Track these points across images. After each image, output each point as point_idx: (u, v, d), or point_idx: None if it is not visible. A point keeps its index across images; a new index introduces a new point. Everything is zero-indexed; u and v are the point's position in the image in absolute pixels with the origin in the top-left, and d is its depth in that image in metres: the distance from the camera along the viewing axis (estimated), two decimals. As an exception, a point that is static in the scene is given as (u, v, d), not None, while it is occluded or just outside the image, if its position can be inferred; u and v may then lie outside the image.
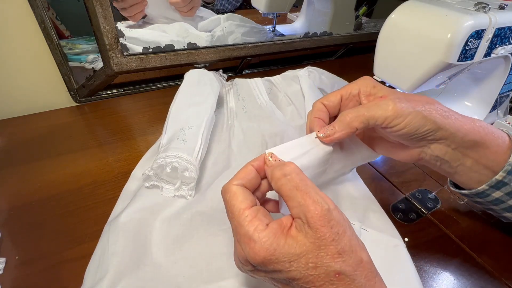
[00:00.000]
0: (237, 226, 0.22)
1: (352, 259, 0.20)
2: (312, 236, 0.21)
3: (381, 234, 0.32)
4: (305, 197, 0.21)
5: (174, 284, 0.27)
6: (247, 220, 0.21)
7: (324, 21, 0.75)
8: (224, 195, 0.23)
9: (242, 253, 0.22)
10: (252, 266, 0.22)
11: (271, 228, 0.21)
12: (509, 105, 0.56)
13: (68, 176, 0.39)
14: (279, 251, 0.20)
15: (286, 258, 0.21)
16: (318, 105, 0.31)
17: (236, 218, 0.22)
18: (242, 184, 0.24)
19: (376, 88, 0.30)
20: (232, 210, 0.22)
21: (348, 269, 0.20)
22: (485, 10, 0.39)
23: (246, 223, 0.21)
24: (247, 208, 0.22)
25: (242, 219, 0.22)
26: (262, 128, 0.43)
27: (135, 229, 0.30)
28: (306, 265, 0.20)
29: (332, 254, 0.20)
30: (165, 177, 0.34)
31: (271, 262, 0.21)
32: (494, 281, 0.31)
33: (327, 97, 0.31)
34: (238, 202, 0.22)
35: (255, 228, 0.21)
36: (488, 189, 0.30)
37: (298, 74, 0.52)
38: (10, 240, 0.31)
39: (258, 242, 0.21)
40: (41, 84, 0.51)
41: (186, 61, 0.55)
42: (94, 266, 0.28)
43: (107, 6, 0.44)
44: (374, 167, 0.44)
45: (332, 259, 0.20)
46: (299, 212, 0.21)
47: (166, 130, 0.37)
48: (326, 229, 0.20)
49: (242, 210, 0.22)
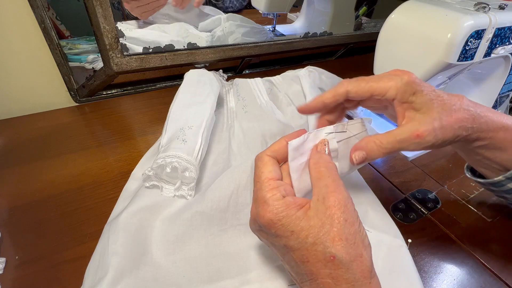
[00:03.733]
0: (258, 189, 0.24)
1: (352, 250, 0.21)
2: (322, 212, 0.22)
3: (383, 235, 0.32)
4: (334, 183, 0.23)
5: (174, 284, 0.27)
6: (268, 188, 0.24)
7: (324, 21, 0.75)
8: (256, 162, 0.26)
9: (255, 211, 0.24)
10: (258, 226, 0.24)
11: (286, 200, 0.23)
12: (509, 105, 0.56)
13: (68, 176, 0.39)
14: (285, 219, 0.22)
15: (290, 226, 0.22)
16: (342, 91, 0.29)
17: (260, 182, 0.24)
18: (274, 156, 0.26)
19: (416, 96, 0.27)
20: (259, 175, 0.25)
21: (344, 256, 0.21)
22: (485, 10, 0.39)
23: (266, 190, 0.24)
24: (272, 179, 0.25)
25: (264, 185, 0.24)
26: (262, 128, 0.43)
27: (135, 229, 0.30)
28: (305, 239, 0.22)
29: (333, 236, 0.21)
30: (165, 177, 0.34)
31: (275, 225, 0.22)
32: (494, 281, 0.31)
33: (358, 90, 0.28)
34: (267, 171, 0.25)
35: (272, 195, 0.23)
36: (504, 180, 0.31)
37: (298, 74, 0.52)
38: (10, 240, 0.31)
39: (270, 206, 0.23)
40: (41, 84, 0.51)
41: (186, 61, 0.55)
42: (94, 266, 0.28)
43: (107, 6, 0.44)
44: (374, 167, 0.44)
45: (332, 241, 0.21)
46: (320, 192, 0.23)
47: (166, 130, 0.37)
48: (337, 210, 0.22)
49: (267, 179, 0.24)
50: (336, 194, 0.22)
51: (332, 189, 0.23)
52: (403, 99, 0.27)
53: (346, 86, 0.28)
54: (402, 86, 0.27)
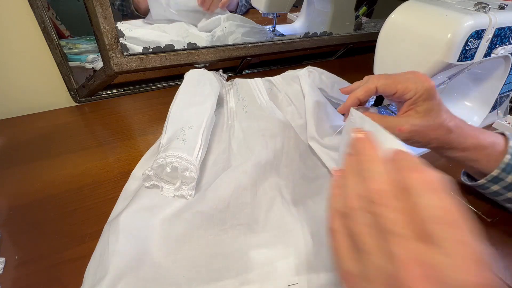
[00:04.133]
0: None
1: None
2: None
3: None
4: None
5: (174, 284, 0.27)
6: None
7: (324, 21, 0.75)
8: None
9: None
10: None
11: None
12: (509, 105, 0.56)
13: (68, 176, 0.39)
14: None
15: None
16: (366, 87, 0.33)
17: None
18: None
19: (426, 101, 0.31)
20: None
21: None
22: (485, 10, 0.39)
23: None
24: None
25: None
26: (262, 128, 0.43)
27: (135, 229, 0.30)
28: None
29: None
30: (165, 177, 0.34)
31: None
32: (494, 281, 0.31)
33: (386, 88, 0.32)
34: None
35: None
36: (487, 183, 0.35)
37: (298, 75, 0.52)
38: (10, 240, 0.31)
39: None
40: (41, 84, 0.51)
41: (186, 61, 0.55)
42: (94, 266, 0.28)
43: (107, 6, 0.44)
44: (374, 167, 0.44)
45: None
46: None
47: (166, 130, 0.37)
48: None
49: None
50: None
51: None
52: (415, 102, 0.31)
53: (376, 83, 0.32)
54: (421, 91, 0.31)
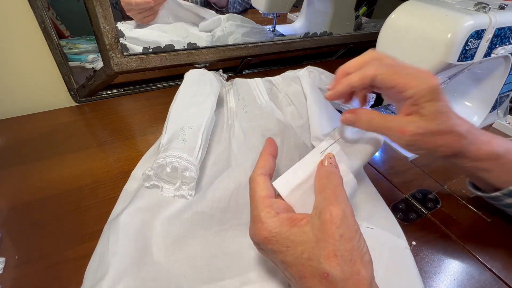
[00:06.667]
0: (253, 208, 0.25)
1: (347, 267, 0.20)
2: (317, 227, 0.22)
3: (387, 234, 0.32)
4: (333, 195, 0.23)
5: (175, 284, 0.27)
6: (262, 206, 0.25)
7: (324, 21, 0.75)
8: (250, 183, 0.27)
9: (251, 231, 0.25)
10: (256, 243, 0.25)
11: (280, 217, 0.24)
12: (509, 105, 0.56)
13: (68, 176, 0.39)
14: (280, 236, 0.23)
15: (285, 242, 0.22)
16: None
17: (255, 202, 0.25)
18: (265, 172, 0.27)
19: (430, 102, 0.27)
20: (253, 195, 0.26)
21: (338, 274, 0.20)
22: (485, 10, 0.39)
23: (261, 208, 0.25)
24: (266, 197, 0.25)
25: (259, 204, 0.25)
26: (263, 128, 0.43)
27: (135, 229, 0.30)
28: (301, 254, 0.21)
29: (328, 252, 0.20)
30: (165, 177, 0.34)
31: (271, 242, 0.23)
32: (494, 281, 0.31)
33: (384, 79, 0.27)
34: (260, 190, 0.26)
35: (266, 213, 0.24)
36: (501, 196, 0.33)
37: (298, 75, 0.52)
38: (10, 240, 0.31)
39: (264, 224, 0.23)
40: (41, 84, 0.51)
41: (186, 61, 0.55)
42: (94, 266, 0.28)
43: (107, 6, 0.44)
44: (374, 167, 0.44)
45: (326, 257, 0.20)
46: (318, 206, 0.23)
47: (166, 130, 0.37)
48: (333, 226, 0.21)
49: (261, 198, 0.25)
50: (333, 207, 0.22)
51: (330, 202, 0.22)
52: (417, 102, 0.27)
53: (376, 71, 0.27)
54: (424, 90, 0.26)
